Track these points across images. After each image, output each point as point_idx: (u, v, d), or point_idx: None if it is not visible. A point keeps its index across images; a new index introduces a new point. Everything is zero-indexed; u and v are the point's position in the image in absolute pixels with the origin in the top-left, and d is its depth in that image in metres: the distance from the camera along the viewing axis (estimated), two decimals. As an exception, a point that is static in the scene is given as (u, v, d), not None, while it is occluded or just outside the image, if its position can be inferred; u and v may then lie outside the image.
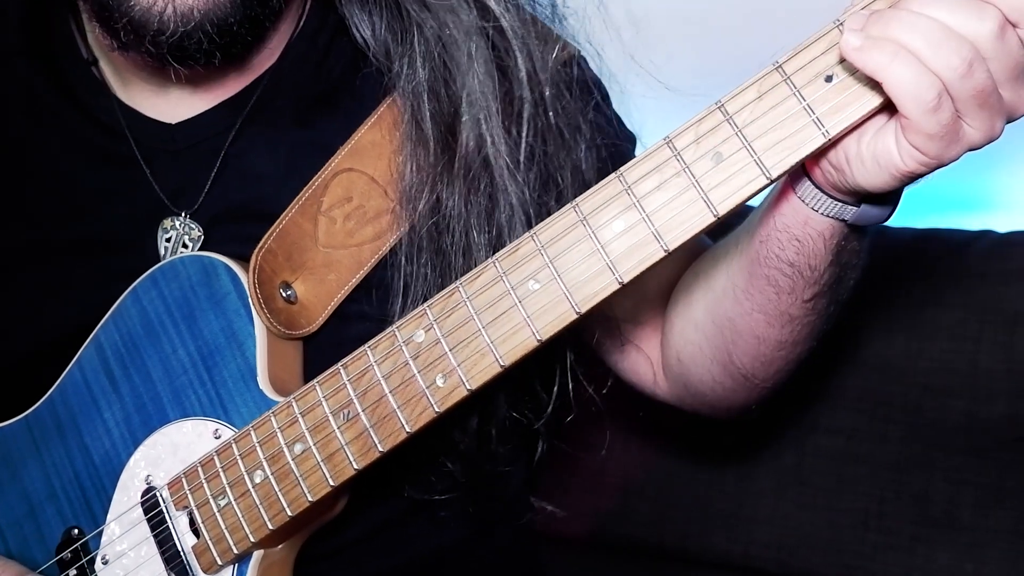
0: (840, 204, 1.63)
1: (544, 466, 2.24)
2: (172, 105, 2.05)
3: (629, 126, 2.14)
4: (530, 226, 1.79)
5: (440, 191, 1.90)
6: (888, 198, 1.64)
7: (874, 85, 1.42)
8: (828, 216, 1.65)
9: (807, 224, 1.67)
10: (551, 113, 1.95)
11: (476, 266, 1.68)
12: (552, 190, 1.95)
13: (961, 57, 1.38)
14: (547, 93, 1.94)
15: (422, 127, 1.93)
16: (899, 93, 1.40)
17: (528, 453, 2.24)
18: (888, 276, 2.83)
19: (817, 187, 1.62)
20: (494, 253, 1.66)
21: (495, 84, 1.90)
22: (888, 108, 1.45)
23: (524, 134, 1.91)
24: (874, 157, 1.50)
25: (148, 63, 1.95)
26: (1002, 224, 2.89)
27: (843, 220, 1.65)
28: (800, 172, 1.63)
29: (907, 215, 3.16)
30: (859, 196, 1.61)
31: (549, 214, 1.63)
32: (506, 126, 1.91)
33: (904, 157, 1.47)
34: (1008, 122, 1.47)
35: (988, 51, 1.39)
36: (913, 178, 1.51)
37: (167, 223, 2.03)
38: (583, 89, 2.04)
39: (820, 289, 1.77)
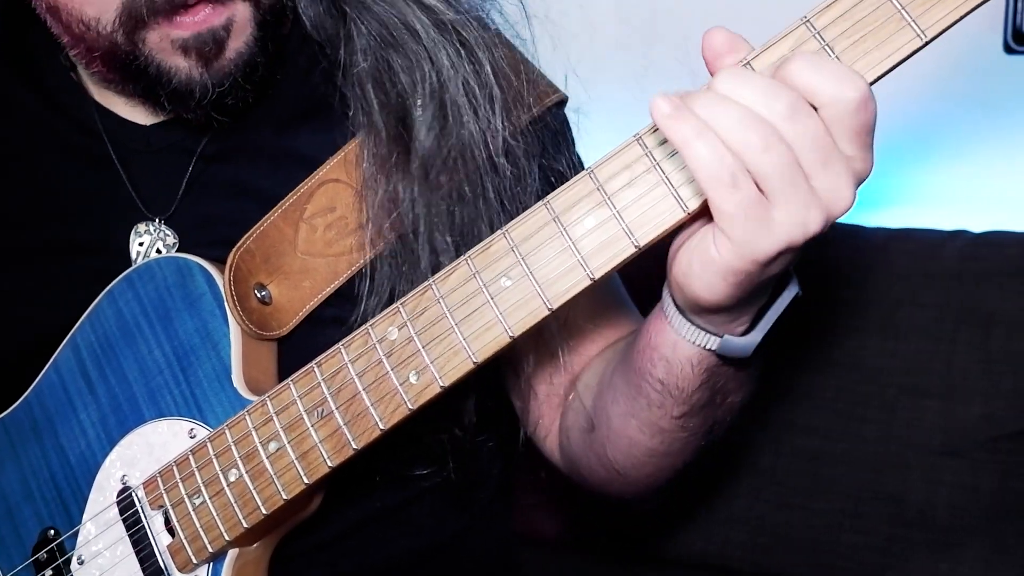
0: (701, 332, 1.63)
1: (521, 466, 2.24)
2: (150, 109, 2.05)
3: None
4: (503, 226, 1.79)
5: (396, 183, 1.90)
6: (750, 328, 1.64)
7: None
8: (694, 343, 1.64)
9: (676, 348, 1.67)
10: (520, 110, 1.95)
11: (442, 263, 1.69)
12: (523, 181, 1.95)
13: (759, 135, 1.38)
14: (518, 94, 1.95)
15: (371, 116, 1.92)
16: (696, 167, 1.40)
17: (505, 453, 2.25)
18: (863, 276, 2.85)
19: (679, 310, 1.63)
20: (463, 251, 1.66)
21: (463, 78, 1.90)
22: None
23: (499, 129, 1.91)
24: (699, 260, 1.49)
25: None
26: (977, 224, 2.90)
27: (710, 349, 1.65)
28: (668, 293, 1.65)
29: (881, 213, 3.19)
30: (717, 321, 1.61)
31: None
32: (477, 123, 1.90)
33: (718, 246, 1.45)
34: (830, 220, 1.44)
35: (785, 133, 1.39)
36: (741, 279, 1.48)
37: (141, 227, 2.04)
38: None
39: (690, 409, 1.76)
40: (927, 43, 1.40)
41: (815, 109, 1.39)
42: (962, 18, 1.39)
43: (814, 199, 1.42)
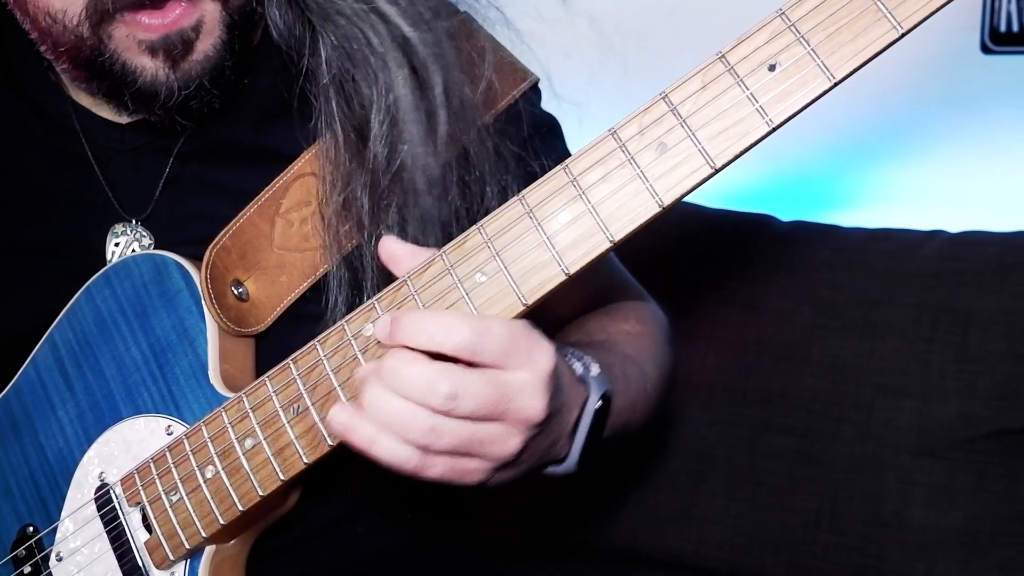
0: None
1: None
2: (116, 109, 2.04)
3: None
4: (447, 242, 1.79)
5: (352, 191, 1.90)
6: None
7: (817, 74, 1.44)
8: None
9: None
10: (481, 135, 1.96)
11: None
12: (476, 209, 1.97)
13: (429, 425, 1.51)
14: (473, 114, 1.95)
15: (332, 125, 1.92)
16: (388, 463, 1.55)
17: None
18: (841, 276, 2.85)
19: None
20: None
21: (414, 99, 1.89)
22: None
23: (441, 150, 1.90)
24: None
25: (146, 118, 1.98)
26: (954, 224, 2.91)
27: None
28: None
29: (858, 213, 3.20)
30: None
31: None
32: (426, 142, 1.89)
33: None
34: (526, 428, 1.56)
35: (451, 414, 1.51)
36: (510, 476, 1.65)
37: (118, 228, 2.04)
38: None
39: None
40: (903, 35, 1.41)
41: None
42: (939, 9, 1.40)
43: (502, 431, 1.55)
